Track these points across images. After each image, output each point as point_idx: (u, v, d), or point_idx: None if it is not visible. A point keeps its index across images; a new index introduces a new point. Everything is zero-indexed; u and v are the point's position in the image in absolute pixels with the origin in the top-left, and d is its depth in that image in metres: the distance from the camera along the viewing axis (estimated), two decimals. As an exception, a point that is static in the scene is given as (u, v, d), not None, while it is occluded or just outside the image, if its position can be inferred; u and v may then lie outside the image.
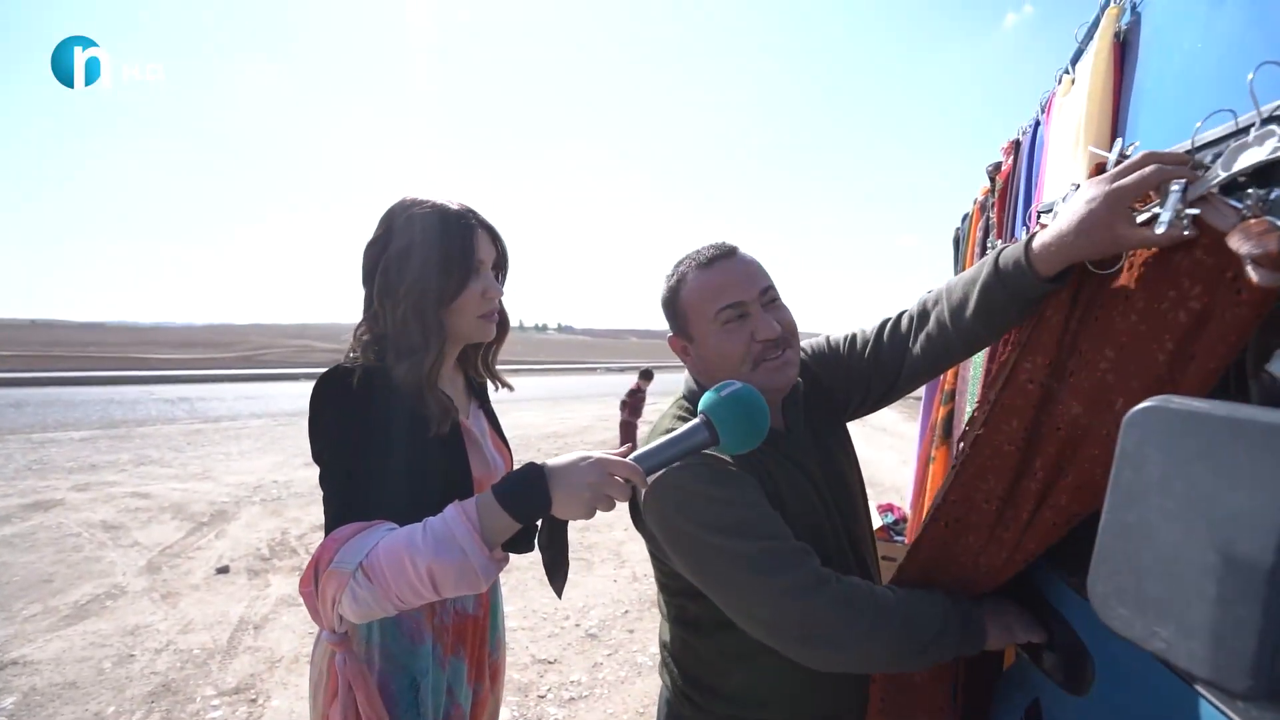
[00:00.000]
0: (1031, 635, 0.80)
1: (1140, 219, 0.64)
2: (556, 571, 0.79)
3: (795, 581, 0.76)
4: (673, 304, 0.93)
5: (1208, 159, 0.58)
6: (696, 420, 0.78)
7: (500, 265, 1.02)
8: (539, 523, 0.79)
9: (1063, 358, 0.74)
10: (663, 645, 1.01)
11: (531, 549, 0.87)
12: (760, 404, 0.77)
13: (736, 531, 0.78)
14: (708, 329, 0.88)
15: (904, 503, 4.00)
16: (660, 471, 0.80)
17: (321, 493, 0.85)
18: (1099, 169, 0.73)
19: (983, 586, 0.84)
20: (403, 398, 0.89)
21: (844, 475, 0.98)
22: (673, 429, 0.81)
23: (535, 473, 0.75)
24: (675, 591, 0.93)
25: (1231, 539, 0.29)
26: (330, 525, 0.81)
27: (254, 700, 2.56)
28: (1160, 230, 0.58)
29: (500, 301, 1.04)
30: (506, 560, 0.81)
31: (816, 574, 0.78)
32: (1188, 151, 0.62)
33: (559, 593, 0.80)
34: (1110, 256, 0.69)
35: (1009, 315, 0.80)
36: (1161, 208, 0.59)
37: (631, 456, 0.77)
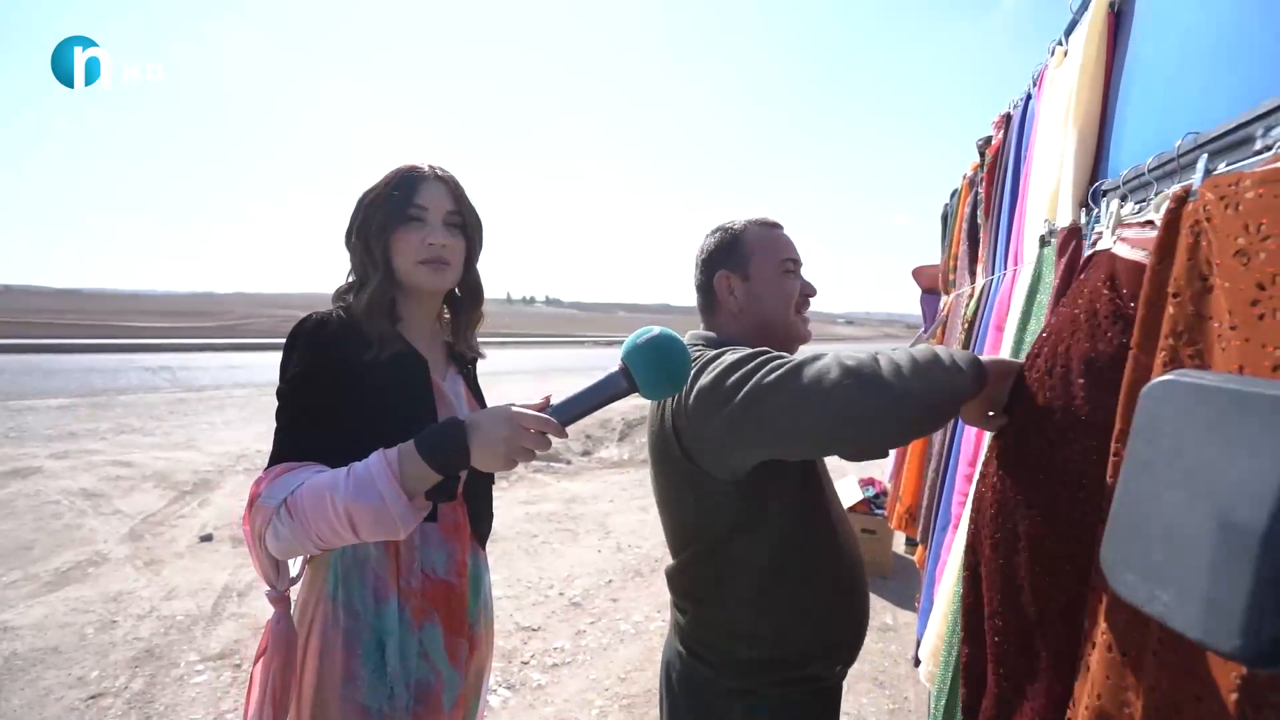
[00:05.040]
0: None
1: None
2: (481, 521, 0.85)
3: (799, 365, 0.78)
4: (734, 244, 1.05)
5: (1259, 132, 0.57)
6: (615, 369, 0.78)
7: (460, 223, 1.00)
8: (463, 474, 0.81)
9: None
10: (676, 625, 1.04)
11: (454, 498, 0.93)
12: (680, 349, 0.77)
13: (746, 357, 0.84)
14: (772, 271, 1.04)
15: (884, 476, 4.07)
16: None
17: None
18: None
19: None
20: (370, 348, 0.92)
21: None
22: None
23: (455, 427, 0.77)
24: (715, 537, 0.94)
25: (1229, 506, 0.31)
26: (271, 463, 0.84)
27: (238, 665, 2.58)
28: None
29: (476, 270, 1.06)
30: (428, 508, 0.82)
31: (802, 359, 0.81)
32: (1229, 131, 0.60)
33: (483, 539, 0.85)
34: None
35: None
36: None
37: (550, 409, 0.78)
